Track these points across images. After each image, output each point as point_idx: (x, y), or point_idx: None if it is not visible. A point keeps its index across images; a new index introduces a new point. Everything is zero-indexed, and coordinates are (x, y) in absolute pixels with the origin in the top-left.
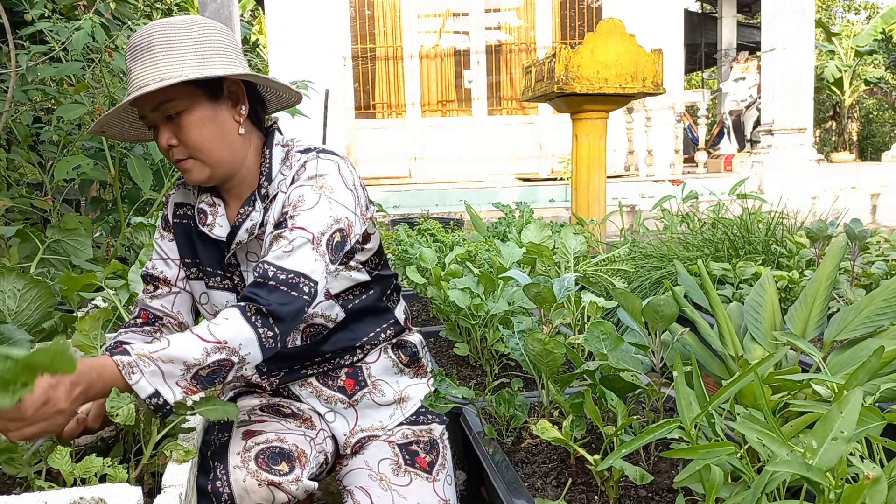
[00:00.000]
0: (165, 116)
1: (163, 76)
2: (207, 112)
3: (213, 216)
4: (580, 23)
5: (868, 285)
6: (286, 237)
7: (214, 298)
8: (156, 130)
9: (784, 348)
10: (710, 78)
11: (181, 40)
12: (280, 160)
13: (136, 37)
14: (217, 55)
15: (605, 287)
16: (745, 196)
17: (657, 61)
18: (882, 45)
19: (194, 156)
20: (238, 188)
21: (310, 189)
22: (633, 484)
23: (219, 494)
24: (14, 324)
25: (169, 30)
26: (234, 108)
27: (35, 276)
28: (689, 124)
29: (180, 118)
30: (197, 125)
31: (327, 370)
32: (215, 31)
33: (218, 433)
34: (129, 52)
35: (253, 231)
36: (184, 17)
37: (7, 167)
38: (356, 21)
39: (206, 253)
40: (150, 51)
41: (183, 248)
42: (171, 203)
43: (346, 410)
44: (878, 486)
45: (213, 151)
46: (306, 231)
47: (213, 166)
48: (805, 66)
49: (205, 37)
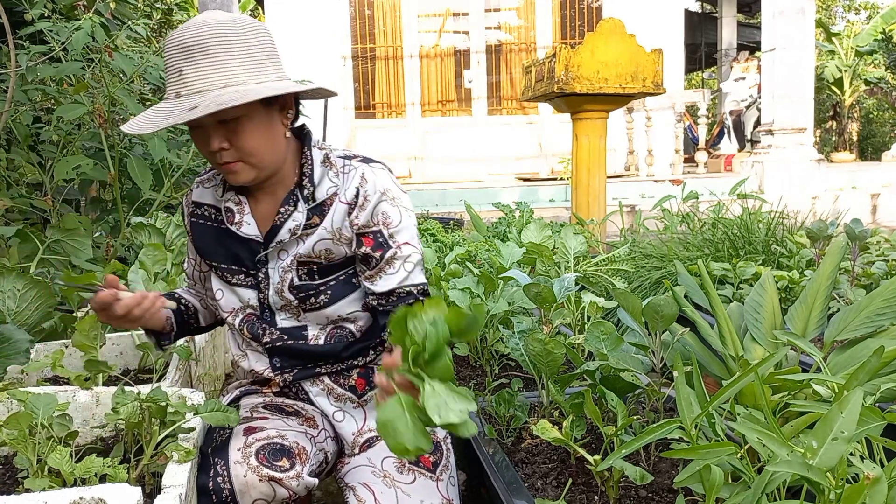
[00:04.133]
0: (219, 120)
1: (225, 83)
2: (263, 118)
3: (240, 214)
4: (580, 23)
5: (868, 285)
6: (400, 256)
7: (237, 295)
8: (200, 131)
9: (784, 348)
10: (710, 78)
11: (237, 44)
12: (319, 162)
13: (185, 35)
14: (270, 60)
15: (605, 287)
16: (746, 196)
17: (657, 61)
18: (882, 45)
19: (245, 160)
20: (272, 187)
21: (388, 205)
22: (633, 484)
23: (219, 490)
24: (14, 324)
25: (224, 31)
26: (282, 112)
27: (35, 276)
28: (689, 124)
29: (237, 123)
30: (252, 131)
31: (340, 370)
32: (266, 35)
33: (219, 431)
34: (179, 51)
35: (296, 231)
36: (229, 14)
37: (7, 167)
38: (356, 21)
39: (231, 251)
40: (206, 53)
41: (205, 245)
42: (189, 202)
43: (356, 410)
44: (878, 487)
45: (265, 156)
46: (411, 245)
47: (260, 169)
48: (805, 66)
49: (258, 40)
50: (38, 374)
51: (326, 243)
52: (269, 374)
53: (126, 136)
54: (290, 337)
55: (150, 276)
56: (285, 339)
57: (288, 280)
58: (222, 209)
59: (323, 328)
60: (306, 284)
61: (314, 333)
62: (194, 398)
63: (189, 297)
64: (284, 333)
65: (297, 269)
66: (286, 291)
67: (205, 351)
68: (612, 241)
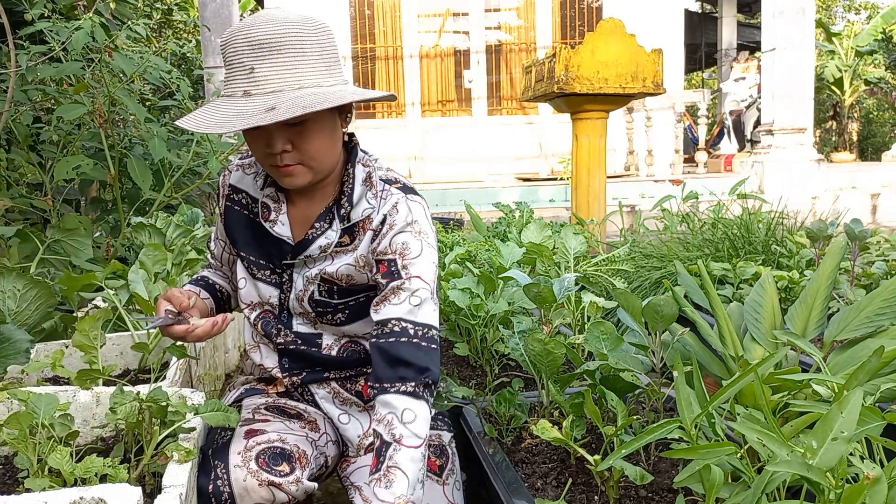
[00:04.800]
0: (286, 122)
1: (300, 84)
2: (329, 122)
3: (276, 213)
4: (580, 23)
5: (868, 285)
6: (408, 288)
7: (259, 290)
8: (259, 130)
9: (784, 348)
10: (710, 78)
11: (312, 44)
12: (361, 181)
13: (261, 31)
14: (338, 63)
15: (605, 287)
16: (746, 196)
17: (657, 61)
18: (882, 45)
19: (305, 163)
20: (312, 192)
21: (411, 236)
22: (633, 484)
23: (219, 494)
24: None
25: (299, 30)
26: (342, 116)
27: (35, 276)
28: (689, 124)
29: (305, 126)
30: (319, 134)
31: (348, 376)
32: (333, 37)
33: (221, 432)
34: (251, 47)
35: (327, 249)
36: (298, 13)
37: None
38: (356, 21)
39: (261, 246)
40: (281, 52)
41: (236, 233)
42: (227, 182)
43: (361, 414)
44: (878, 486)
45: (326, 160)
46: (422, 280)
47: (317, 173)
48: (805, 66)
49: (329, 42)
50: (38, 374)
51: (350, 269)
52: (278, 374)
53: (126, 136)
54: (303, 342)
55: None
56: (298, 344)
57: (309, 292)
58: (259, 202)
59: (338, 340)
60: (325, 301)
61: (328, 343)
62: (194, 398)
63: (221, 282)
64: (299, 338)
65: (318, 285)
66: (305, 301)
67: (205, 351)
68: (612, 241)
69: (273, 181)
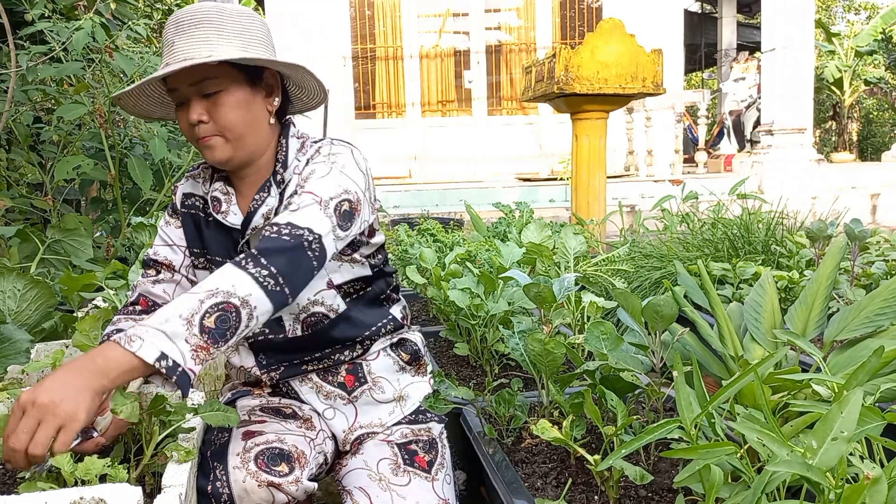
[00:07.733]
0: (202, 94)
1: (211, 53)
2: (245, 95)
3: (227, 204)
4: (580, 23)
5: (868, 285)
6: (293, 201)
7: None
8: (183, 105)
9: (784, 348)
10: (710, 78)
11: (231, 25)
12: (295, 149)
13: (183, 13)
14: (262, 46)
15: (605, 287)
16: (745, 196)
17: (657, 61)
18: (882, 45)
19: (222, 133)
20: (253, 177)
21: (322, 164)
22: (633, 484)
23: (218, 495)
24: (14, 324)
25: (220, 13)
26: (267, 98)
27: (35, 276)
28: (689, 124)
29: (218, 97)
30: (233, 106)
31: (328, 366)
32: (262, 25)
33: (218, 433)
34: (175, 26)
35: (269, 216)
36: (235, 5)
37: (7, 167)
38: (356, 21)
39: (216, 241)
40: (199, 27)
41: (191, 237)
42: (179, 193)
43: (346, 407)
44: (878, 486)
45: (243, 134)
46: (314, 194)
47: (237, 148)
48: (805, 66)
49: (252, 26)
50: (38, 374)
51: None
52: (257, 372)
53: (127, 136)
54: (270, 331)
55: None
56: (266, 333)
57: None
58: (209, 199)
59: (297, 318)
60: None
61: (290, 324)
62: (194, 398)
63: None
64: (265, 327)
65: None
66: None
67: None
68: (611, 241)
69: (220, 177)
